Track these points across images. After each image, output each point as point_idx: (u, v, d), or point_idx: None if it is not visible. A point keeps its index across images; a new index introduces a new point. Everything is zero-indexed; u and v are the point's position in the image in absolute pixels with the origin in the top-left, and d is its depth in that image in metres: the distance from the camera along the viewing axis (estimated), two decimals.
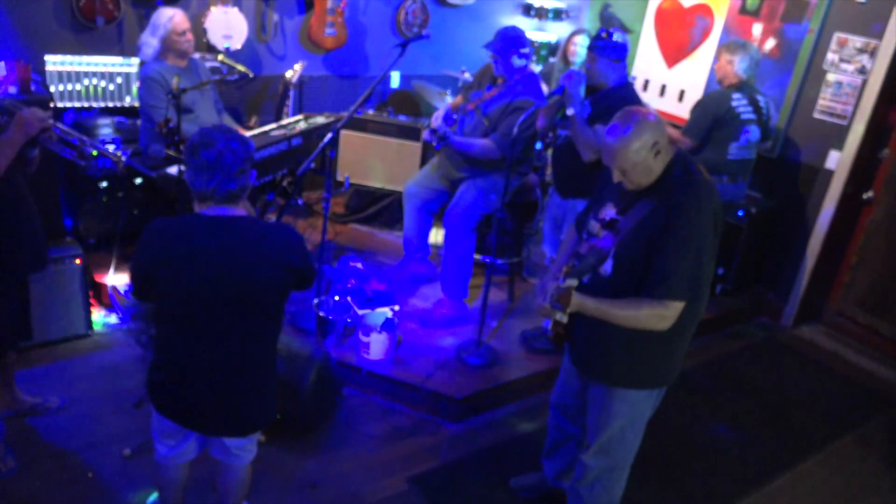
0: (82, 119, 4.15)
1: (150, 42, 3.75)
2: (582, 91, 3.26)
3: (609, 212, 2.36)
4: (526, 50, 3.70)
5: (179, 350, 2.16)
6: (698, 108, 4.27)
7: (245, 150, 2.07)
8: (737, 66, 4.15)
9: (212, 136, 2.04)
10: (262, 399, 2.26)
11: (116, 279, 3.91)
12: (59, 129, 2.74)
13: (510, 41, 3.64)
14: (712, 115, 4.12)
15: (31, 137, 2.57)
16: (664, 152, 2.23)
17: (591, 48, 3.32)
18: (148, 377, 2.24)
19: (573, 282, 2.23)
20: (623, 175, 2.25)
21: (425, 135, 3.73)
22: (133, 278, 2.15)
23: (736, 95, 4.13)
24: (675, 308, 2.20)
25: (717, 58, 4.27)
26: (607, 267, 2.30)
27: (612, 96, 3.30)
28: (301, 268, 2.15)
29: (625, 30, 5.63)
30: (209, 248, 2.03)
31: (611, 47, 3.26)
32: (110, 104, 4.34)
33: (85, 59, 4.21)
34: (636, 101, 3.36)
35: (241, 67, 3.99)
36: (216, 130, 2.07)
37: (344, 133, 4.86)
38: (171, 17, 3.71)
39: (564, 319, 2.22)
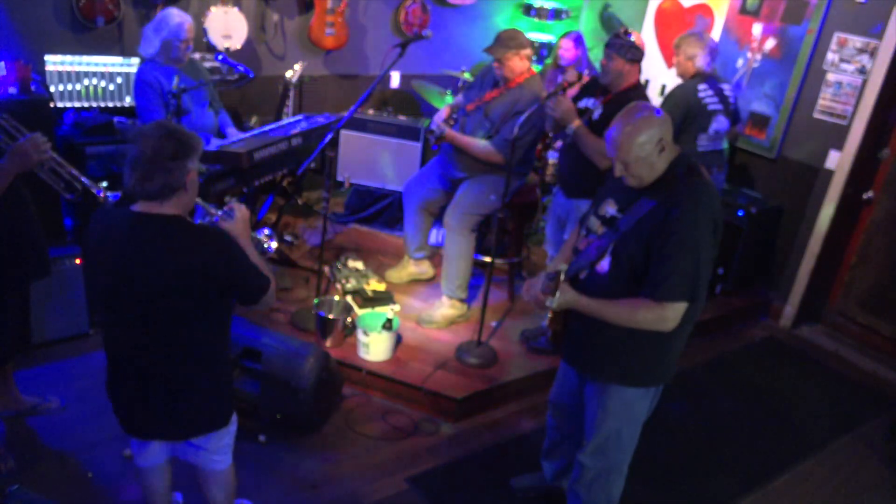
0: (82, 119, 4.15)
1: (151, 39, 3.67)
2: (568, 106, 3.25)
3: (609, 209, 2.36)
4: (526, 51, 3.69)
5: (109, 341, 2.13)
6: (669, 101, 4.14)
7: (175, 147, 1.94)
8: (698, 61, 4.04)
9: (142, 133, 1.96)
10: (193, 405, 2.15)
11: None
12: (55, 160, 2.68)
13: (509, 44, 3.63)
14: (683, 108, 4.01)
15: (26, 169, 2.52)
16: (668, 150, 2.23)
17: (608, 46, 3.31)
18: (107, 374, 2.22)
19: (563, 266, 2.24)
20: (625, 169, 2.25)
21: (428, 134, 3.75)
22: None
23: (702, 87, 4.03)
24: (674, 309, 2.20)
25: (675, 53, 4.15)
26: (604, 264, 2.30)
27: (625, 98, 3.29)
28: (224, 278, 2.01)
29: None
30: (120, 244, 1.98)
31: (627, 47, 3.25)
32: (110, 104, 4.34)
33: (85, 59, 4.21)
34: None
35: (240, 68, 3.99)
36: (152, 127, 1.98)
37: (344, 133, 4.86)
38: (181, 25, 3.62)
39: (553, 305, 2.22)
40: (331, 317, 3.60)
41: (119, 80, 4.32)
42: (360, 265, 4.14)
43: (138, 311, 2.00)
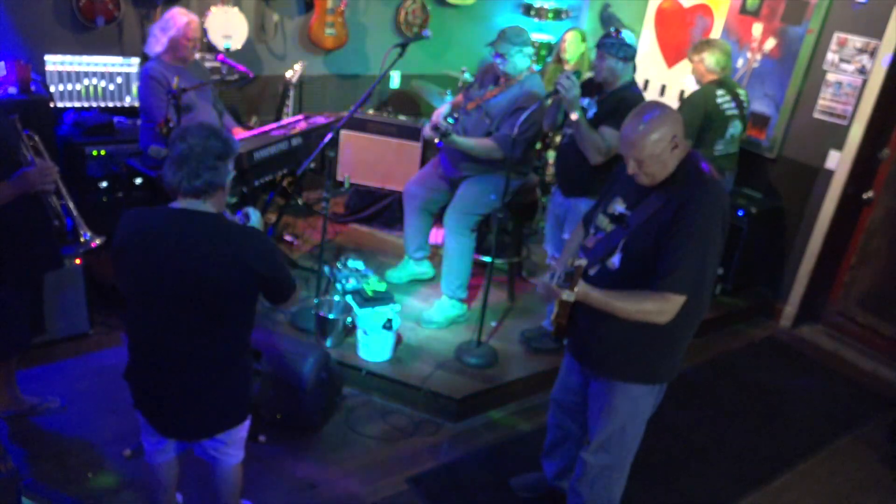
0: (82, 119, 4.15)
1: (158, 37, 3.72)
2: (578, 93, 3.25)
3: (618, 206, 2.37)
4: (529, 49, 3.69)
5: (139, 339, 2.16)
6: (686, 105, 4.19)
7: (222, 147, 2.05)
8: (707, 62, 4.12)
9: (189, 132, 2.04)
10: (219, 401, 2.20)
11: None
12: (59, 191, 2.80)
13: (514, 40, 3.64)
14: (702, 113, 4.06)
15: (27, 192, 2.63)
16: (680, 148, 2.24)
17: (599, 46, 3.32)
18: (126, 364, 2.24)
19: (582, 261, 2.24)
20: (638, 166, 2.25)
21: (426, 131, 3.73)
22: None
23: (720, 92, 4.08)
24: (674, 301, 2.20)
25: (689, 62, 4.26)
26: (615, 260, 2.31)
27: (619, 96, 3.30)
28: (266, 274, 2.10)
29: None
30: (163, 240, 2.03)
31: (619, 45, 3.26)
32: (110, 104, 4.34)
33: (85, 59, 4.21)
34: (642, 101, 3.36)
35: (241, 67, 3.99)
36: (197, 126, 2.06)
37: (344, 133, 4.86)
38: (188, 23, 3.67)
39: (572, 298, 2.22)
40: (331, 317, 3.60)
41: (119, 79, 4.32)
42: (360, 265, 4.15)
43: (183, 305, 2.05)
